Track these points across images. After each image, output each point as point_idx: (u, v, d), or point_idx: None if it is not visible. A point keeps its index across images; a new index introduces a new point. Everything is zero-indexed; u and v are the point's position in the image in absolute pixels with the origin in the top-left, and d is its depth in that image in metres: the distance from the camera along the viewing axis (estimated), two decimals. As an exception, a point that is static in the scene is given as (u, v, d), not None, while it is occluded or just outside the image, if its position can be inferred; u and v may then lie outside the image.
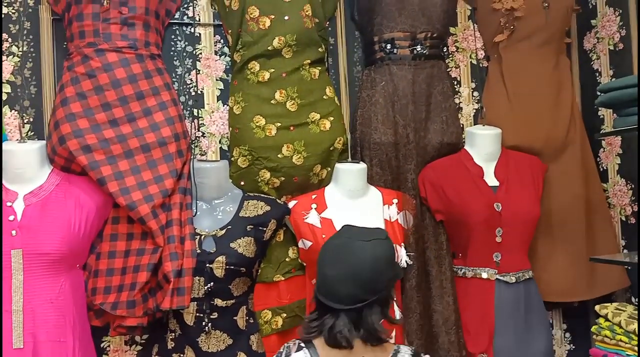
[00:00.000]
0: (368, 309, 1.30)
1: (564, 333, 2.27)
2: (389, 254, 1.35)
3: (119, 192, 1.72)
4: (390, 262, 1.34)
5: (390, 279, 1.34)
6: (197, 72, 1.99)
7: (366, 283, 1.30)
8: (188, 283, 1.71)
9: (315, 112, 1.98)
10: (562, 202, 2.13)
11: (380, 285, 1.31)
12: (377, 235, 1.36)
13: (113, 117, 1.76)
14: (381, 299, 1.32)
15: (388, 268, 1.33)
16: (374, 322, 1.30)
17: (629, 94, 1.69)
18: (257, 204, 1.89)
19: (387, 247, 1.35)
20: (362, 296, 1.30)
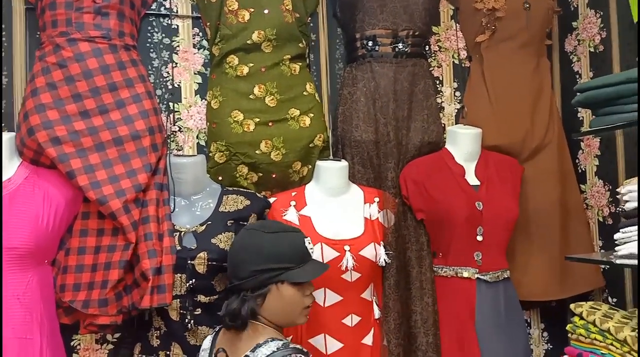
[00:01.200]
0: (234, 295, 1.33)
1: (542, 332, 2.18)
2: (260, 245, 1.32)
3: (89, 186, 1.58)
4: (261, 253, 1.31)
5: (259, 270, 1.31)
6: (174, 65, 1.86)
7: (231, 266, 1.36)
8: (169, 280, 1.59)
9: (295, 108, 1.85)
10: (538, 202, 2.04)
11: (242, 272, 1.32)
12: (266, 228, 1.36)
13: (84, 108, 1.62)
14: (247, 289, 1.32)
15: (256, 258, 1.31)
16: (231, 307, 1.31)
17: (606, 93, 1.60)
18: (237, 199, 1.77)
19: (265, 238, 1.33)
20: (230, 279, 1.36)
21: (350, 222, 1.84)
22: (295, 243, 1.36)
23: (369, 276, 1.80)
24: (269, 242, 1.32)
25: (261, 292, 1.31)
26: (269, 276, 1.30)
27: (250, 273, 1.30)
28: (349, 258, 1.74)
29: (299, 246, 1.36)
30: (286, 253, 1.32)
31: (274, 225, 1.40)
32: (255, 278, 1.30)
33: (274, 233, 1.34)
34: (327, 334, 1.74)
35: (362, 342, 1.79)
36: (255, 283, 1.30)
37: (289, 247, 1.34)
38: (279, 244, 1.33)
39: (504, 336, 1.88)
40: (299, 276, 1.34)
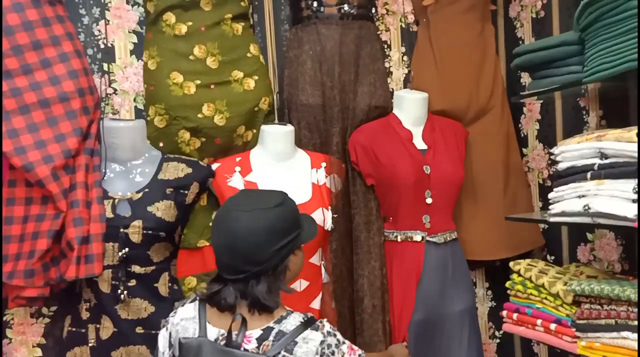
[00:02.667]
0: (254, 280, 1.17)
1: (487, 291, 2.16)
2: (271, 224, 1.17)
3: (14, 151, 1.40)
4: (275, 232, 1.17)
5: (278, 249, 1.17)
6: (106, 22, 1.67)
7: (243, 255, 1.16)
8: (97, 250, 1.44)
9: (239, 70, 1.70)
10: (482, 165, 1.99)
11: (262, 256, 1.16)
12: (263, 204, 1.19)
13: (5, 68, 1.42)
14: (267, 270, 1.17)
15: (271, 239, 1.17)
16: (258, 294, 1.16)
17: (542, 56, 1.55)
18: (178, 166, 1.62)
19: (271, 216, 1.18)
20: (243, 267, 1.16)
21: (297, 188, 1.73)
22: (294, 207, 1.26)
23: (317, 241, 1.70)
24: (277, 218, 1.19)
25: (283, 266, 1.21)
26: (289, 249, 1.21)
27: (271, 254, 1.17)
28: (296, 224, 1.64)
29: (296, 209, 1.27)
30: (294, 220, 1.23)
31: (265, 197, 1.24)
32: (277, 256, 1.18)
33: (277, 207, 1.20)
34: (275, 300, 1.66)
35: (310, 306, 1.71)
36: (277, 261, 1.19)
37: (293, 214, 1.23)
38: (285, 215, 1.21)
39: (452, 296, 1.84)
40: (309, 235, 1.27)
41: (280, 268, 1.20)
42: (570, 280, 1.48)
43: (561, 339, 1.46)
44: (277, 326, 1.16)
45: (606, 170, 1.33)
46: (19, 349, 1.59)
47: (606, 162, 1.33)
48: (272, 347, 1.12)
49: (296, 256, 1.25)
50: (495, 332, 2.15)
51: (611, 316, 1.31)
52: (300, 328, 1.15)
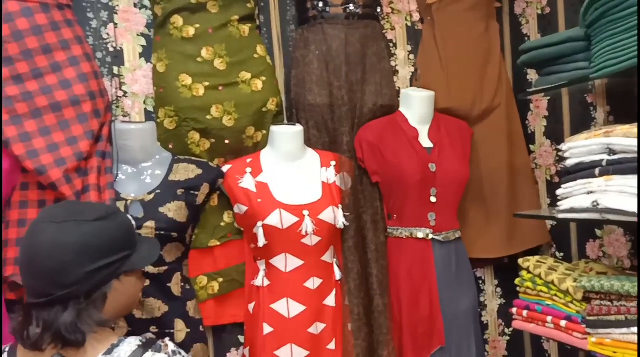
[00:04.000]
0: (60, 306, 0.98)
1: (495, 288, 2.16)
2: (84, 240, 0.99)
3: (26, 155, 1.42)
4: (89, 250, 0.99)
5: (92, 271, 0.99)
6: (115, 25, 1.68)
7: (45, 274, 0.97)
8: None
9: (246, 71, 1.71)
10: (487, 163, 2.00)
11: (68, 278, 0.97)
12: (79, 216, 1.01)
13: (16, 72, 1.44)
14: (78, 296, 0.98)
15: (84, 258, 0.98)
16: (61, 324, 0.97)
17: (548, 52, 1.55)
18: (188, 167, 1.64)
19: (86, 231, 0.99)
20: (46, 290, 0.98)
21: (307, 187, 1.75)
22: (125, 224, 1.08)
23: (329, 239, 1.73)
24: (94, 234, 1.01)
25: (100, 293, 1.02)
26: (109, 272, 1.02)
27: (82, 276, 0.99)
28: (308, 223, 1.66)
29: (129, 227, 1.09)
30: (121, 239, 1.05)
31: (90, 209, 1.07)
32: (90, 280, 1.00)
33: (97, 221, 1.02)
34: (289, 298, 1.68)
35: (324, 303, 1.73)
36: (91, 286, 1.00)
37: (120, 231, 1.05)
38: (110, 231, 1.03)
39: (455, 293, 1.86)
40: (142, 260, 1.09)
41: (96, 295, 1.00)
42: (580, 277, 1.49)
43: (572, 335, 1.47)
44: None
45: (614, 166, 1.33)
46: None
47: (614, 158, 1.34)
48: None
49: (122, 282, 1.06)
50: (505, 329, 2.16)
51: (621, 312, 1.32)
52: (137, 353, 0.99)
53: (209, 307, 1.72)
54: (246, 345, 1.74)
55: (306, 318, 1.69)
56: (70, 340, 0.98)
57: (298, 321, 1.68)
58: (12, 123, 1.43)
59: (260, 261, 1.71)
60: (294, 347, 1.67)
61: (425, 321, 1.82)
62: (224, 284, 1.72)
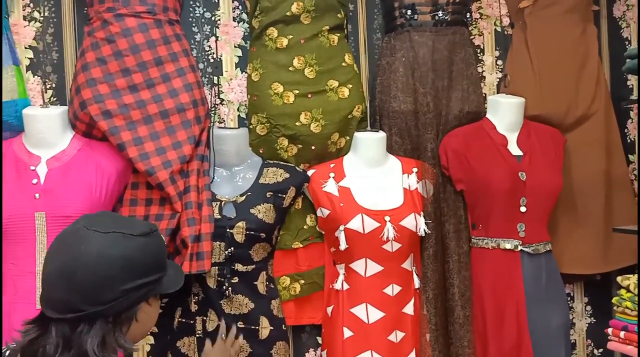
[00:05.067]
0: (85, 324, 0.96)
1: (585, 306, 2.20)
2: (130, 255, 0.98)
3: (139, 157, 1.69)
4: (132, 267, 0.99)
5: (130, 290, 0.98)
6: (216, 38, 1.93)
7: (84, 289, 0.96)
8: (207, 247, 1.69)
9: (334, 79, 1.90)
10: (582, 174, 2.05)
11: (107, 294, 0.96)
12: (126, 228, 1.01)
13: (132, 82, 1.72)
14: (108, 315, 0.97)
15: (125, 274, 0.97)
16: (87, 345, 0.95)
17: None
18: (277, 171, 1.85)
19: (132, 245, 0.99)
20: (78, 305, 0.96)
21: (389, 193, 1.89)
22: (163, 245, 1.10)
23: (409, 246, 1.86)
24: (139, 250, 1.01)
25: (130, 313, 1.00)
26: (144, 292, 1.01)
27: (119, 294, 0.97)
28: (389, 228, 1.80)
29: (163, 248, 1.10)
30: (160, 259, 1.05)
31: (130, 222, 1.08)
32: (127, 299, 0.98)
33: (144, 236, 1.02)
34: (368, 304, 1.82)
35: (403, 311, 1.86)
36: (125, 305, 0.99)
37: (159, 250, 1.06)
38: (152, 248, 1.04)
39: (545, 310, 1.91)
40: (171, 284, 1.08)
41: (125, 316, 0.99)
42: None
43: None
44: None
45: None
46: (134, 335, 1.88)
47: None
48: None
49: (151, 306, 1.06)
50: (595, 350, 2.19)
51: None
52: None
53: (290, 307, 1.90)
54: (324, 348, 1.90)
55: (386, 325, 1.82)
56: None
57: (378, 328, 1.81)
58: (128, 128, 1.70)
59: (340, 265, 1.87)
60: (374, 355, 1.80)
61: (512, 337, 1.87)
62: (305, 286, 1.90)
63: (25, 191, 1.64)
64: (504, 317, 1.89)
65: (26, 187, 1.64)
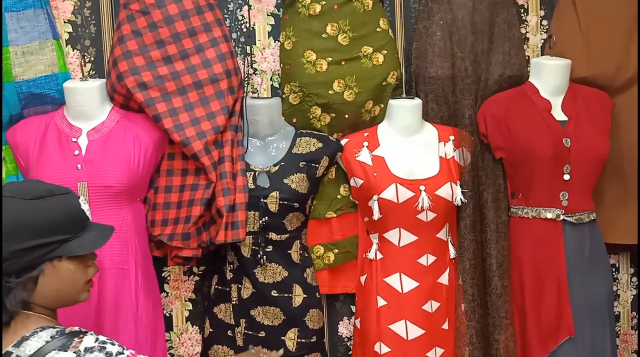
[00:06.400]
0: None
1: (631, 277, 2.24)
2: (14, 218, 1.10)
3: (174, 128, 1.83)
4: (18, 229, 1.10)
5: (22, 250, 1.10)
6: (249, 7, 2.02)
7: None
8: (242, 217, 1.82)
9: (368, 45, 1.98)
10: (630, 139, 2.07)
11: None
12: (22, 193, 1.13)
13: (167, 54, 1.85)
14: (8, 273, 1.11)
15: (15, 236, 1.09)
16: None
17: None
18: (310, 141, 1.95)
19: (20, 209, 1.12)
20: None
21: (424, 162, 1.97)
22: (68, 207, 1.17)
23: (444, 216, 1.94)
24: (34, 212, 1.11)
25: (30, 275, 1.12)
26: (40, 254, 1.12)
27: (12, 254, 1.09)
28: (424, 198, 1.88)
29: (73, 210, 1.18)
30: (59, 221, 1.14)
31: (33, 188, 1.18)
32: (21, 259, 1.10)
33: (38, 199, 1.13)
34: (402, 273, 1.92)
35: (438, 281, 1.96)
36: (22, 265, 1.10)
37: (60, 213, 1.14)
38: (47, 211, 1.13)
39: (587, 281, 1.97)
40: (81, 247, 1.16)
41: (25, 276, 1.11)
42: None
43: None
44: (15, 350, 1.08)
45: None
46: (174, 302, 2.06)
47: None
48: None
49: (55, 267, 1.15)
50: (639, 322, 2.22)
51: None
52: (42, 351, 1.06)
53: (323, 276, 2.03)
54: (357, 316, 2.03)
55: (420, 295, 1.92)
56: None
57: (412, 297, 1.92)
58: (163, 100, 1.84)
59: (374, 235, 1.98)
60: (409, 324, 1.91)
61: (552, 308, 1.94)
62: (339, 255, 2.02)
63: (68, 162, 1.81)
64: (543, 289, 1.96)
65: (69, 158, 1.81)
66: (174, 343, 2.07)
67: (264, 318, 1.89)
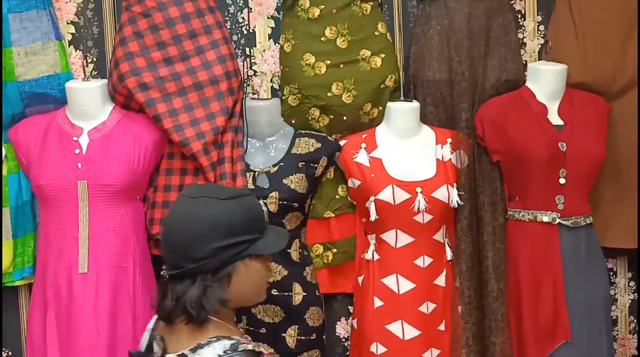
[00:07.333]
0: (189, 280, 1.17)
1: (628, 282, 2.28)
2: (214, 216, 1.17)
3: (173, 128, 1.89)
4: (218, 226, 1.16)
5: (220, 248, 1.16)
6: (248, 10, 2.09)
7: (177, 246, 1.17)
8: None
9: (366, 49, 2.04)
10: (628, 144, 2.10)
11: (198, 252, 1.15)
12: (214, 193, 1.20)
13: (167, 55, 1.91)
14: (206, 271, 1.16)
15: (213, 234, 1.16)
16: (187, 298, 1.15)
17: None
18: (309, 141, 2.01)
19: (218, 208, 1.18)
20: (177, 262, 1.18)
21: (421, 164, 2.01)
22: (255, 208, 1.25)
23: (441, 218, 1.98)
24: (229, 211, 1.18)
25: (225, 272, 1.18)
26: (235, 252, 1.18)
27: (210, 252, 1.15)
28: (420, 200, 1.92)
29: (259, 211, 1.26)
30: (248, 221, 1.21)
31: (222, 189, 1.29)
32: (218, 257, 1.16)
33: (232, 199, 1.20)
34: (399, 274, 1.97)
35: (434, 282, 1.99)
36: (218, 263, 1.16)
37: (249, 213, 1.22)
38: (240, 211, 1.20)
39: (584, 285, 2.00)
40: (268, 246, 1.23)
41: (221, 274, 1.17)
42: None
43: None
44: (190, 355, 1.12)
45: None
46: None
47: None
48: None
49: (246, 266, 1.20)
50: (637, 327, 2.27)
51: None
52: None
53: (323, 275, 2.07)
54: (354, 316, 2.07)
55: (416, 296, 1.96)
56: (192, 316, 1.14)
57: (408, 298, 1.96)
58: (163, 100, 1.90)
59: (371, 235, 2.02)
60: (405, 325, 1.94)
61: (549, 311, 1.97)
62: (337, 254, 2.07)
63: (69, 160, 1.87)
64: (540, 292, 1.99)
65: (69, 157, 1.87)
66: (171, 342, 2.12)
67: (265, 315, 1.93)
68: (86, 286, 1.83)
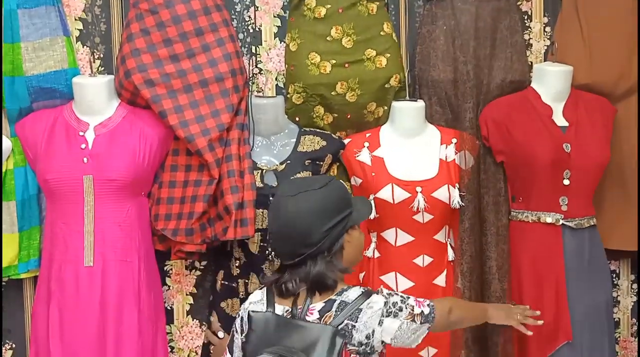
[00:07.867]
0: (311, 262, 1.41)
1: (631, 284, 2.29)
2: (317, 205, 1.40)
3: (179, 125, 1.92)
4: (322, 212, 1.40)
5: (329, 229, 1.40)
6: (255, 8, 2.12)
7: (298, 238, 1.40)
8: (250, 214, 1.89)
9: (372, 48, 2.06)
10: (633, 146, 2.12)
11: (314, 237, 1.39)
12: (306, 187, 1.43)
13: (174, 52, 1.94)
14: (322, 251, 1.41)
15: (320, 219, 1.40)
16: (316, 275, 1.40)
17: None
18: (314, 139, 2.04)
19: (316, 198, 1.40)
20: (298, 251, 1.41)
21: (424, 164, 2.04)
22: (343, 188, 1.50)
23: (441, 218, 2.00)
24: (323, 199, 1.41)
25: (338, 246, 1.43)
26: (340, 228, 1.42)
27: (323, 234, 1.39)
28: (420, 199, 1.94)
29: (345, 191, 1.50)
30: (340, 201, 1.44)
31: (311, 181, 1.49)
32: (329, 236, 1.40)
33: (324, 187, 1.43)
34: (398, 272, 2.00)
35: (434, 282, 2.02)
36: (331, 241, 1.41)
37: (338, 193, 1.45)
38: (334, 194, 1.44)
39: (586, 286, 2.02)
40: (362, 214, 1.50)
41: (335, 248, 1.42)
42: None
43: None
44: (338, 297, 1.40)
45: None
46: (175, 295, 2.15)
47: None
48: (335, 318, 1.37)
49: (350, 235, 1.46)
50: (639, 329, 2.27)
51: None
52: (361, 298, 1.39)
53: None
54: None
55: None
56: (326, 284, 1.41)
57: (407, 297, 1.99)
58: (169, 97, 1.93)
59: (373, 233, 2.05)
60: (403, 324, 1.97)
61: (550, 313, 1.98)
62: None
63: (75, 155, 1.90)
64: (542, 293, 2.01)
65: (75, 152, 1.91)
66: (174, 336, 2.15)
67: None
68: (92, 280, 1.87)
